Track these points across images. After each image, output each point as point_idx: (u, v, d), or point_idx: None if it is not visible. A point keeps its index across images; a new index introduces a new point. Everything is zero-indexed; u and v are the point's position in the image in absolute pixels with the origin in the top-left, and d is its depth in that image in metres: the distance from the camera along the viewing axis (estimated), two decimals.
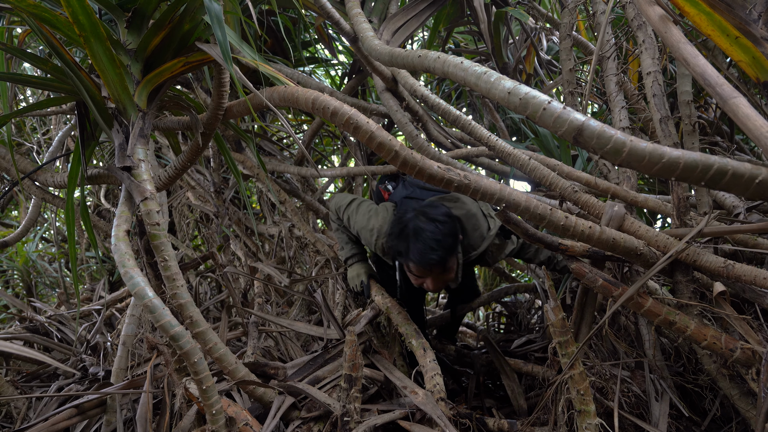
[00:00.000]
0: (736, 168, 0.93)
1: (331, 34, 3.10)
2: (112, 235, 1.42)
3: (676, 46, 1.17)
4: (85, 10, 1.29)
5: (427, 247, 1.71)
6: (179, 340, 1.35)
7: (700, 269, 1.40)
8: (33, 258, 3.87)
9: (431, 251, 1.71)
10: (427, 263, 1.73)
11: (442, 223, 1.77)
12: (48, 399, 1.81)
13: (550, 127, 1.04)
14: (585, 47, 2.65)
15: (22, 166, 2.07)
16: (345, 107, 1.35)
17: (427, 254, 1.72)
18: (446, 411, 1.58)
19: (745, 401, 1.38)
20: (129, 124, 1.51)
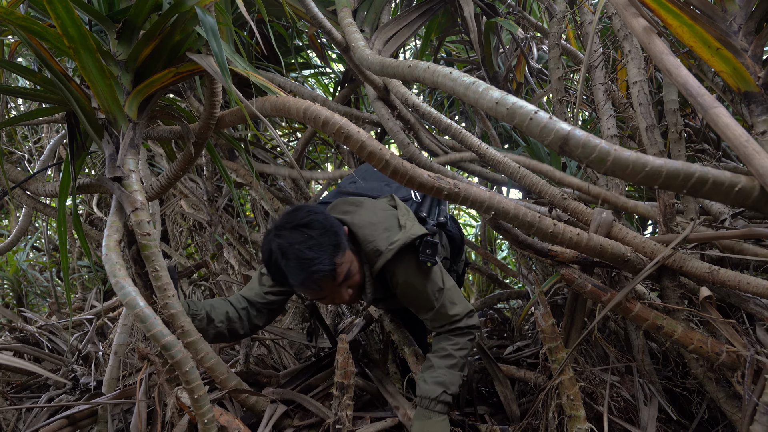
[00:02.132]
0: (716, 176, 0.95)
1: (323, 42, 3.12)
2: (103, 245, 1.42)
3: (659, 57, 1.20)
4: (74, 22, 1.30)
5: (302, 261, 1.39)
6: (170, 350, 1.35)
7: (687, 275, 1.43)
8: (24, 267, 3.84)
9: (309, 264, 1.39)
10: (311, 281, 1.41)
11: (307, 225, 1.44)
12: (38, 410, 1.80)
13: (536, 137, 1.06)
14: (574, 56, 2.69)
15: (13, 175, 2.07)
16: (336, 117, 1.37)
17: (306, 270, 1.39)
18: None
19: (731, 404, 1.40)
20: (119, 135, 1.51)
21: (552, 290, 2.08)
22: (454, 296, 1.62)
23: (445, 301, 1.59)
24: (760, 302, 1.39)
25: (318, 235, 1.42)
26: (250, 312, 1.68)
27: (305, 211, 1.49)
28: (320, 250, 1.40)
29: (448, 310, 1.60)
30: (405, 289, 1.57)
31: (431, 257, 1.50)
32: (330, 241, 1.43)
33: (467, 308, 1.64)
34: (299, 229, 1.43)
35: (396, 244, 1.49)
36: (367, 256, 1.54)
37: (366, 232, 1.54)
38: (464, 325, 1.62)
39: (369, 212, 1.61)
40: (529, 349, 2.22)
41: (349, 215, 1.61)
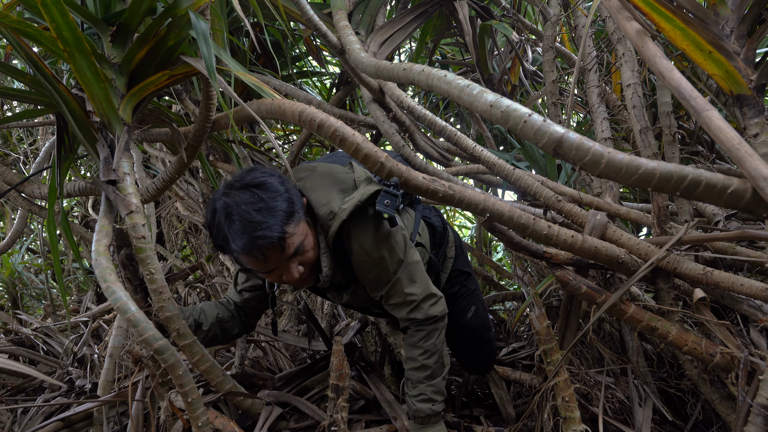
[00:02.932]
0: (709, 179, 0.96)
1: (319, 45, 3.13)
2: (93, 250, 1.42)
3: (652, 60, 1.21)
4: (69, 26, 1.30)
5: (247, 224, 1.22)
6: (163, 354, 1.35)
7: (681, 276, 1.43)
8: (19, 269, 3.82)
9: (255, 227, 1.21)
10: (255, 247, 1.23)
11: (260, 186, 1.27)
12: (34, 412, 1.79)
13: (530, 139, 1.06)
14: (569, 58, 2.70)
15: (9, 178, 2.06)
16: (331, 119, 1.37)
17: (250, 234, 1.21)
18: None
19: (726, 405, 1.41)
20: (114, 138, 1.51)
21: (547, 292, 2.08)
22: (416, 274, 1.47)
23: (403, 275, 1.44)
24: (754, 303, 1.40)
25: (270, 198, 1.25)
26: (240, 311, 1.68)
27: (260, 172, 1.33)
28: (270, 214, 1.23)
29: (404, 287, 1.44)
30: (361, 256, 1.40)
31: (389, 208, 1.32)
32: (283, 206, 1.26)
33: (429, 291, 1.48)
34: (250, 190, 1.27)
35: (350, 202, 1.34)
36: (322, 222, 1.38)
37: (319, 195, 1.39)
38: (423, 316, 1.47)
39: (323, 175, 1.47)
40: (524, 351, 2.23)
41: (302, 181, 1.47)
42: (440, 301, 1.52)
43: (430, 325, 1.49)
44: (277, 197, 1.27)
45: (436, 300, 1.50)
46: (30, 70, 1.53)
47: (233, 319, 1.66)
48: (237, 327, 1.67)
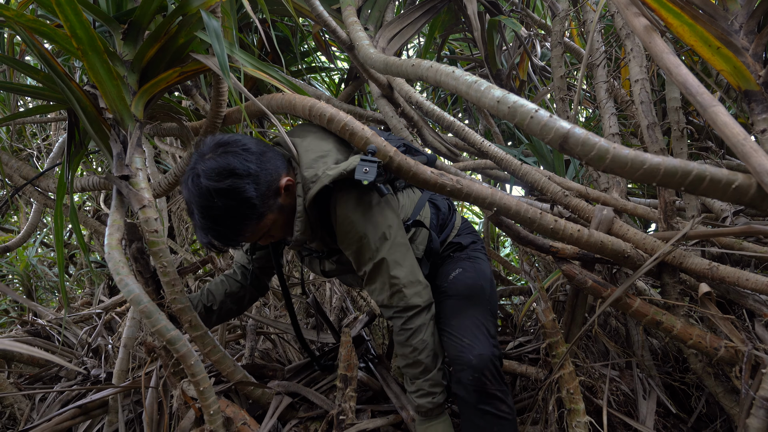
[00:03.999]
0: (713, 174, 0.97)
1: (328, 40, 3.14)
2: (105, 244, 1.46)
3: (660, 55, 1.22)
4: (82, 24, 1.33)
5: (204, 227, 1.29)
6: (175, 344, 1.39)
7: (687, 271, 1.44)
8: (33, 262, 3.90)
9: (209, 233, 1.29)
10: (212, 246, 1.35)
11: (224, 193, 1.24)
12: (51, 400, 1.85)
13: (537, 135, 1.08)
14: (578, 54, 2.70)
15: (25, 172, 2.11)
16: (341, 114, 1.39)
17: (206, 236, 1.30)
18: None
19: (730, 398, 1.42)
20: (127, 134, 1.54)
21: (554, 287, 2.09)
22: (402, 257, 1.40)
23: (388, 255, 1.38)
24: (759, 298, 1.40)
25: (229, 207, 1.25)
26: (248, 276, 1.72)
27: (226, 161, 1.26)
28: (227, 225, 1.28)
29: (388, 268, 1.38)
30: (343, 225, 1.38)
31: (368, 175, 1.27)
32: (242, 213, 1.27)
33: (415, 277, 1.41)
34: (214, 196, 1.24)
35: (336, 169, 1.32)
36: (304, 183, 1.37)
37: (311, 157, 1.39)
38: (405, 304, 1.39)
39: (322, 140, 1.45)
40: (530, 345, 2.24)
41: (299, 137, 1.46)
42: (425, 290, 1.43)
43: (414, 317, 1.41)
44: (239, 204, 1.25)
45: (422, 288, 1.42)
46: (43, 68, 1.56)
47: (243, 288, 1.71)
48: (248, 294, 1.73)
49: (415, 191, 1.70)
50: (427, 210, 1.67)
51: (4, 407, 1.95)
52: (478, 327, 1.45)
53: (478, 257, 1.67)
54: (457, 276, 1.59)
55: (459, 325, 1.46)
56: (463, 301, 1.52)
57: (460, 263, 1.63)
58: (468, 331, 1.44)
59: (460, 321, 1.47)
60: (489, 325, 1.47)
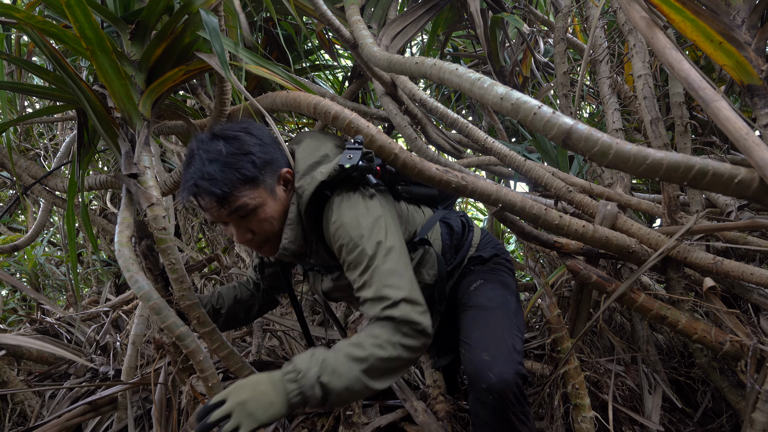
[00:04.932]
0: (716, 168, 0.97)
1: (331, 39, 3.15)
2: (115, 241, 1.48)
3: (662, 51, 1.22)
4: (91, 25, 1.34)
5: (198, 171, 1.23)
6: (184, 340, 1.41)
7: (691, 266, 1.45)
8: (41, 261, 3.93)
9: (201, 176, 1.22)
10: (194, 194, 1.25)
11: (231, 139, 1.26)
12: (61, 397, 1.87)
13: (540, 131, 1.09)
14: (581, 50, 2.70)
15: (34, 171, 2.13)
16: (346, 111, 1.40)
17: (193, 180, 1.23)
18: (446, 406, 1.63)
19: (735, 393, 1.42)
20: (135, 133, 1.56)
21: (558, 283, 2.10)
22: (400, 267, 1.21)
23: (381, 261, 1.19)
24: (764, 292, 1.41)
25: (232, 154, 1.24)
26: (259, 289, 1.73)
27: (244, 126, 1.32)
28: (223, 168, 1.22)
29: (383, 276, 1.18)
30: (337, 232, 1.25)
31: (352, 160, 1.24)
32: (243, 165, 1.23)
33: (413, 295, 1.18)
34: (221, 140, 1.26)
35: (329, 165, 1.27)
36: (300, 189, 1.32)
37: (307, 163, 1.34)
38: (399, 315, 1.14)
39: (319, 144, 1.40)
40: (535, 341, 2.25)
41: (295, 144, 1.43)
42: (425, 314, 1.19)
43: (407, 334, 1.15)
44: (241, 156, 1.24)
45: (422, 310, 1.18)
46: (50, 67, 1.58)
47: (253, 297, 1.71)
48: (258, 304, 1.72)
49: (426, 211, 1.61)
50: (438, 231, 1.57)
51: (15, 404, 1.98)
52: (502, 341, 1.30)
53: (501, 270, 1.58)
54: (478, 287, 1.49)
55: (479, 338, 1.32)
56: (485, 312, 1.41)
57: (481, 275, 1.55)
58: (489, 345, 1.29)
59: (481, 333, 1.34)
60: (514, 340, 1.32)
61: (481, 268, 1.59)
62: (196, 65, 1.59)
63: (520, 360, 1.28)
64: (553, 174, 1.76)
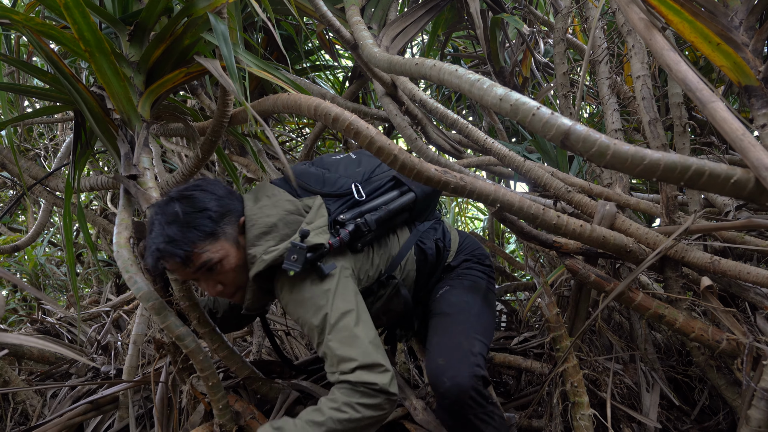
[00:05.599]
0: (712, 169, 0.98)
1: (331, 39, 3.17)
2: (114, 243, 1.49)
3: (660, 52, 1.23)
4: (90, 27, 1.35)
5: (158, 236, 1.25)
6: (184, 340, 1.42)
7: (689, 265, 1.46)
8: (42, 261, 3.94)
9: (163, 239, 1.23)
10: (158, 258, 1.26)
11: (186, 199, 1.28)
12: (63, 396, 1.88)
13: (539, 132, 1.10)
14: (580, 50, 2.71)
15: (34, 172, 2.14)
16: (346, 113, 1.41)
17: (156, 246, 1.24)
18: None
19: (732, 391, 1.43)
20: (134, 134, 1.57)
21: (558, 282, 2.11)
22: (351, 334, 1.21)
23: (332, 334, 1.21)
24: (761, 291, 1.42)
25: (188, 213, 1.26)
26: None
27: (197, 184, 1.35)
28: (182, 229, 1.24)
29: (335, 349, 1.20)
30: (288, 308, 1.32)
31: (295, 265, 1.23)
32: (198, 222, 1.26)
33: (371, 360, 1.18)
34: (176, 202, 1.28)
35: (271, 255, 1.28)
36: (247, 259, 1.33)
37: (254, 233, 1.33)
38: (354, 379, 1.16)
39: (271, 208, 1.37)
40: (535, 340, 2.26)
41: (252, 201, 1.41)
42: (386, 374, 1.19)
43: (365, 394, 1.16)
44: (198, 214, 1.27)
45: (380, 370, 1.18)
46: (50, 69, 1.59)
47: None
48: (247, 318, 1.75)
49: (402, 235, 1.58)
50: (413, 260, 1.56)
51: (17, 403, 1.99)
52: (457, 345, 1.34)
53: (468, 274, 1.60)
54: (442, 294, 1.54)
55: (436, 344, 1.38)
56: (445, 318, 1.45)
57: (448, 281, 1.59)
58: (443, 350, 1.34)
59: (439, 339, 1.39)
60: (472, 343, 1.35)
61: (449, 275, 1.62)
62: (197, 68, 1.59)
63: (478, 362, 1.30)
64: (553, 174, 1.77)
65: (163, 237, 1.23)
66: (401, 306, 1.53)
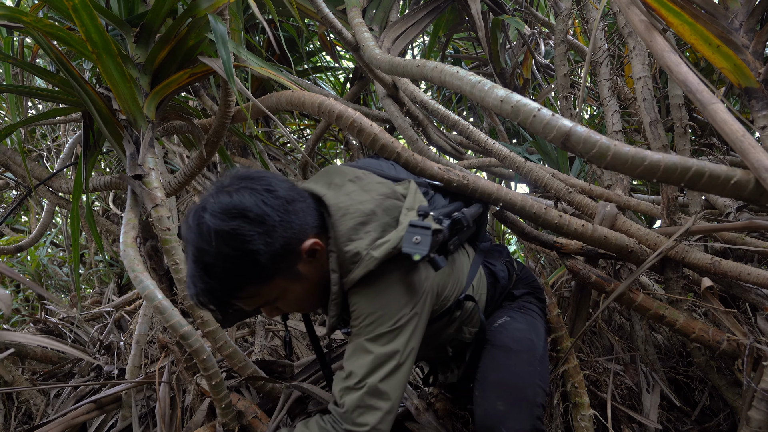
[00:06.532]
0: (712, 170, 0.99)
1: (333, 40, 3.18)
2: (120, 242, 1.50)
3: (660, 54, 1.24)
4: (97, 29, 1.36)
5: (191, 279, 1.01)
6: (189, 339, 1.42)
7: (689, 266, 1.47)
8: (44, 262, 3.96)
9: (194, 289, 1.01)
10: (194, 301, 1.04)
11: (227, 237, 0.96)
12: (66, 395, 1.89)
13: (540, 133, 1.10)
14: (581, 51, 2.72)
15: (38, 173, 2.15)
16: (350, 110, 1.42)
17: (192, 289, 1.01)
18: (446, 405, 1.65)
19: (732, 391, 1.44)
20: (140, 135, 1.58)
21: (558, 283, 2.12)
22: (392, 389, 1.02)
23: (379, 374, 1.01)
24: (761, 292, 1.42)
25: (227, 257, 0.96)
26: None
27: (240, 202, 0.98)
28: (221, 279, 0.98)
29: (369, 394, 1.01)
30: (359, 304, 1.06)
31: (420, 247, 0.99)
32: (242, 270, 0.98)
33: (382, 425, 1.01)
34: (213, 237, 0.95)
35: (384, 247, 1.02)
36: (341, 259, 1.06)
37: (349, 224, 1.06)
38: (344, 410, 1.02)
39: (361, 193, 1.11)
40: None
41: (330, 189, 1.12)
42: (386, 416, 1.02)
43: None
44: (241, 259, 0.96)
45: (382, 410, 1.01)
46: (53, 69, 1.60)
47: None
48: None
49: (468, 250, 1.37)
50: (483, 282, 1.36)
51: (20, 403, 2.00)
52: (520, 390, 1.17)
53: (531, 309, 1.40)
54: (503, 324, 1.32)
55: (496, 383, 1.19)
56: (508, 354, 1.24)
57: (509, 311, 1.37)
58: (506, 394, 1.16)
59: (499, 378, 1.20)
60: (536, 391, 1.18)
61: (509, 304, 1.41)
62: (201, 68, 1.60)
63: (540, 414, 1.15)
64: (553, 175, 1.78)
65: (202, 284, 0.98)
66: (472, 333, 1.30)
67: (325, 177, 1.18)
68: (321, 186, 1.14)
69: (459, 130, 2.06)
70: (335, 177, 1.16)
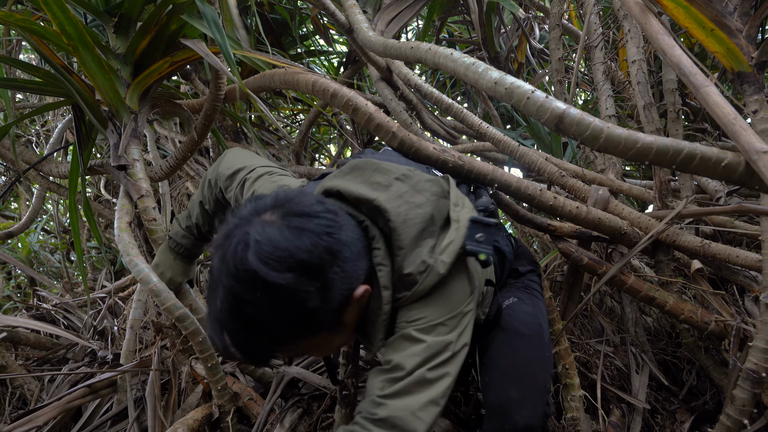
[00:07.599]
0: (704, 152, 1.00)
1: (326, 24, 3.14)
2: (115, 227, 1.49)
3: (655, 37, 1.24)
4: (71, 21, 1.32)
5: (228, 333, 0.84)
6: (184, 321, 1.43)
7: (680, 248, 1.48)
8: (35, 249, 3.93)
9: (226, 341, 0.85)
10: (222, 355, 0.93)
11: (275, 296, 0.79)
12: (60, 380, 1.89)
13: (533, 115, 1.10)
14: (576, 36, 2.71)
15: (27, 157, 2.13)
16: (344, 89, 1.40)
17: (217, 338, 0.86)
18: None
19: (719, 371, 1.47)
20: (122, 126, 1.56)
21: (551, 266, 2.14)
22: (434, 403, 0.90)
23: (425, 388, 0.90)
24: (749, 274, 1.44)
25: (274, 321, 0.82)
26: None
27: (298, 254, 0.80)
28: (261, 343, 0.84)
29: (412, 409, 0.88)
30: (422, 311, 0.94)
31: (484, 246, 0.92)
32: (287, 334, 0.84)
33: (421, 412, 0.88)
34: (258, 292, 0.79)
35: (449, 249, 0.93)
36: (405, 280, 0.94)
37: (412, 234, 0.93)
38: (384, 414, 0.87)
39: (415, 194, 0.99)
40: None
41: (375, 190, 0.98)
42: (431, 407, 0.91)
43: None
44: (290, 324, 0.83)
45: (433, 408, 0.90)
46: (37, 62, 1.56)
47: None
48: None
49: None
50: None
51: (14, 388, 2.00)
52: (533, 377, 1.13)
53: (535, 289, 1.35)
54: (512, 306, 1.26)
55: (509, 370, 1.14)
56: (518, 339, 1.19)
57: (515, 291, 1.31)
58: (519, 381, 1.12)
59: (512, 364, 1.15)
60: (546, 378, 1.16)
61: (514, 282, 1.35)
62: (182, 56, 1.56)
63: (548, 400, 1.13)
64: (547, 159, 1.78)
65: (237, 338, 0.83)
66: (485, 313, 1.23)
67: (360, 175, 1.02)
68: (360, 186, 0.99)
69: (453, 114, 2.06)
70: (376, 175, 1.01)
